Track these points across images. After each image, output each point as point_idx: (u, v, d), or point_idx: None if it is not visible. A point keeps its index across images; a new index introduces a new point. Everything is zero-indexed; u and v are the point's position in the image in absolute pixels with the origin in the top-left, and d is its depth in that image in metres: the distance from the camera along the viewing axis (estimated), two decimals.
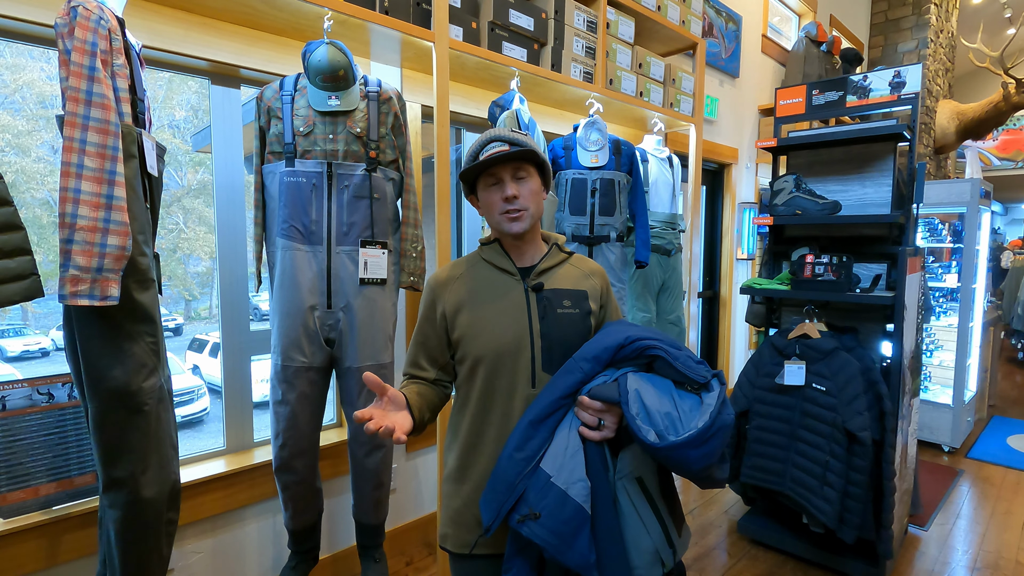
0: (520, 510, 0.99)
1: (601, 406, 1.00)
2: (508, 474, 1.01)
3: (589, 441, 1.01)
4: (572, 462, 0.99)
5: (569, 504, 0.97)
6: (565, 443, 1.01)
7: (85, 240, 1.11)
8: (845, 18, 5.66)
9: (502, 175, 1.07)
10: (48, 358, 7.45)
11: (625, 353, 1.04)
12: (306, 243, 1.65)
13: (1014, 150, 8.56)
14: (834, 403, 2.08)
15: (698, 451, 0.92)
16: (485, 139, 1.10)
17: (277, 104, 1.65)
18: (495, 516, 1.01)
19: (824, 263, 2.25)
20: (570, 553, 0.96)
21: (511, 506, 1.00)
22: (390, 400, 0.99)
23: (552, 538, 0.96)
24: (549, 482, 0.98)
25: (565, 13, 2.20)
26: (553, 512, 0.97)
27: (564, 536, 0.96)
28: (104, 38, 1.16)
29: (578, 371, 1.04)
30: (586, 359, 1.04)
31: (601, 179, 2.18)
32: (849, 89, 2.48)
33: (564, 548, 0.96)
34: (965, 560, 2.35)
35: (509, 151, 1.04)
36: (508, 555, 1.06)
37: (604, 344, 1.05)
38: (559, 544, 0.96)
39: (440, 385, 1.17)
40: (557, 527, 0.96)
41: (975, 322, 3.86)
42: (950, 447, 3.61)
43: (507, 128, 1.11)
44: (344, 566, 2.13)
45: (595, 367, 1.04)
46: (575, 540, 0.96)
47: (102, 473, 1.24)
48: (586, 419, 1.01)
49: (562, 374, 1.05)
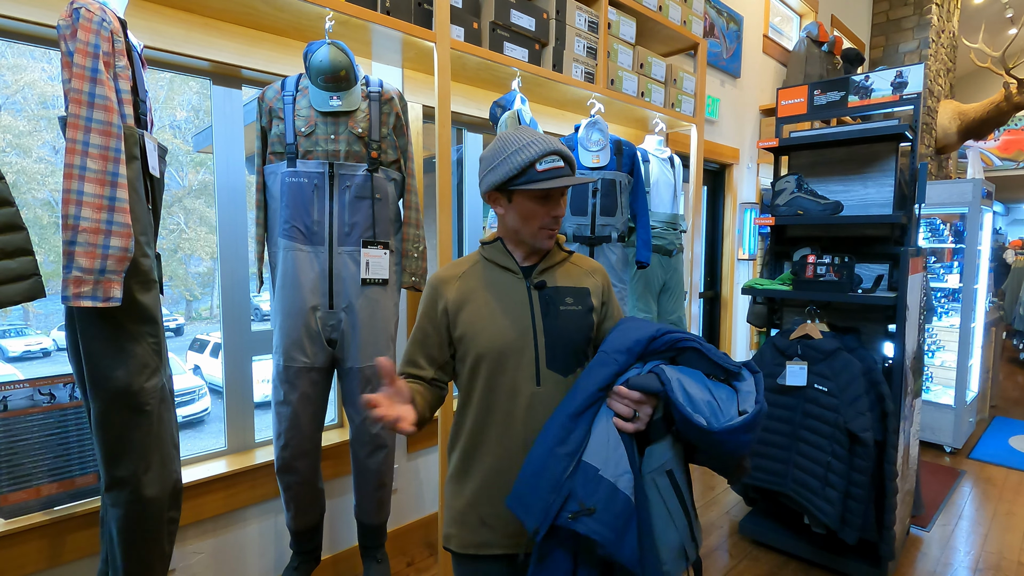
0: (569, 507, 0.96)
1: (640, 396, 0.99)
2: (553, 471, 0.97)
3: (623, 433, 1.00)
4: (616, 454, 0.97)
5: (619, 497, 0.94)
6: (606, 435, 0.99)
7: (88, 242, 1.11)
8: (846, 18, 5.66)
9: (556, 193, 1.07)
10: (49, 358, 7.47)
11: (656, 346, 1.04)
12: (308, 243, 1.65)
13: (1015, 150, 8.54)
14: (836, 404, 2.08)
15: (749, 436, 0.92)
16: (541, 149, 1.02)
17: (279, 104, 1.65)
18: (543, 517, 0.96)
19: (826, 263, 2.25)
20: (623, 548, 0.93)
21: (560, 504, 0.96)
22: (397, 391, 0.98)
23: (610, 533, 0.93)
24: (598, 475, 0.96)
25: (566, 13, 2.20)
26: (607, 506, 0.94)
27: (618, 530, 0.93)
28: (106, 40, 1.17)
29: (613, 363, 1.03)
30: (619, 351, 1.03)
31: (602, 179, 2.18)
32: (851, 89, 2.48)
33: (619, 542, 0.93)
34: (967, 561, 2.35)
35: (572, 178, 1.04)
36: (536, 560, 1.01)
37: (636, 336, 1.04)
38: (615, 539, 0.93)
39: (436, 385, 1.16)
40: (612, 521, 0.93)
41: (977, 322, 3.86)
42: (952, 448, 3.61)
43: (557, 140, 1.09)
44: (346, 566, 2.13)
45: (629, 359, 1.03)
46: (626, 534, 0.94)
47: (104, 473, 1.24)
48: (621, 410, 1.00)
49: (596, 366, 1.04)
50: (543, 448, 1.00)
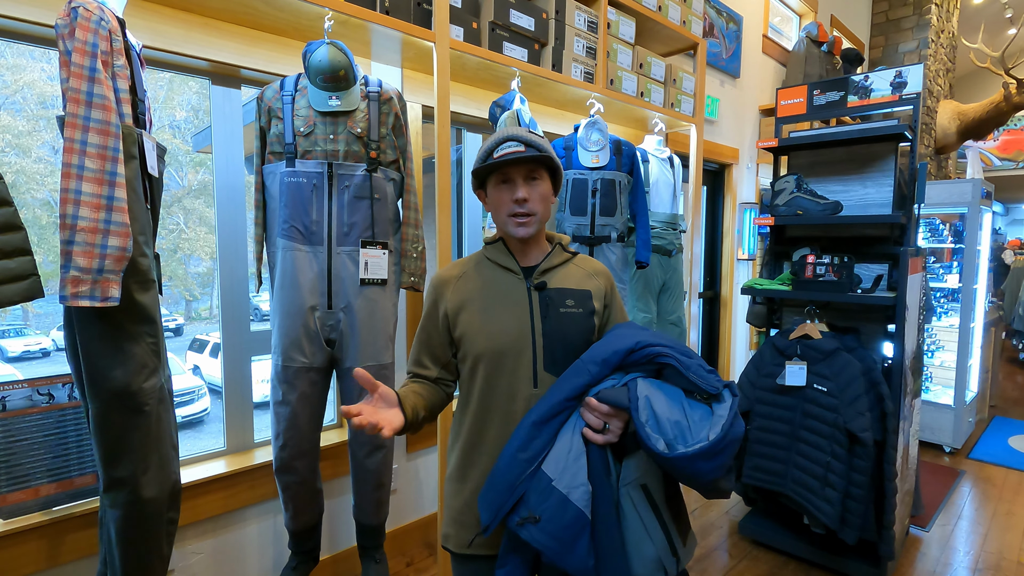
0: (520, 512, 0.98)
1: (608, 409, 0.99)
2: (509, 474, 1.00)
3: (592, 444, 1.00)
4: (575, 466, 0.98)
5: (570, 509, 0.96)
6: (568, 446, 1.00)
7: (86, 241, 1.11)
8: (846, 18, 5.66)
9: (514, 176, 1.06)
10: (48, 358, 7.46)
11: (635, 358, 1.02)
12: (307, 243, 1.65)
13: (1015, 150, 8.55)
14: (835, 404, 2.08)
15: (709, 463, 0.90)
16: (501, 137, 1.07)
17: (278, 104, 1.64)
18: (494, 516, 1.00)
19: (825, 263, 2.25)
20: (569, 558, 0.95)
21: (511, 507, 0.99)
22: (380, 397, 0.98)
23: (552, 543, 0.95)
24: (551, 485, 0.97)
25: (566, 13, 2.20)
26: (553, 516, 0.96)
27: (564, 541, 0.95)
28: (105, 39, 1.16)
29: (586, 373, 1.02)
30: (595, 362, 1.03)
31: (602, 179, 2.18)
32: (850, 89, 2.48)
33: (564, 553, 0.95)
34: (967, 561, 2.35)
35: (524, 152, 1.03)
36: (502, 552, 1.05)
37: (614, 348, 1.03)
38: (559, 549, 0.95)
39: (442, 384, 1.16)
40: (557, 532, 0.95)
41: (976, 322, 3.86)
42: (951, 448, 3.61)
43: (521, 130, 1.10)
44: (345, 567, 2.13)
45: (603, 370, 1.02)
46: (575, 545, 0.95)
47: (103, 473, 1.24)
48: (592, 421, 1.00)
49: (569, 375, 1.04)
50: (507, 451, 1.03)
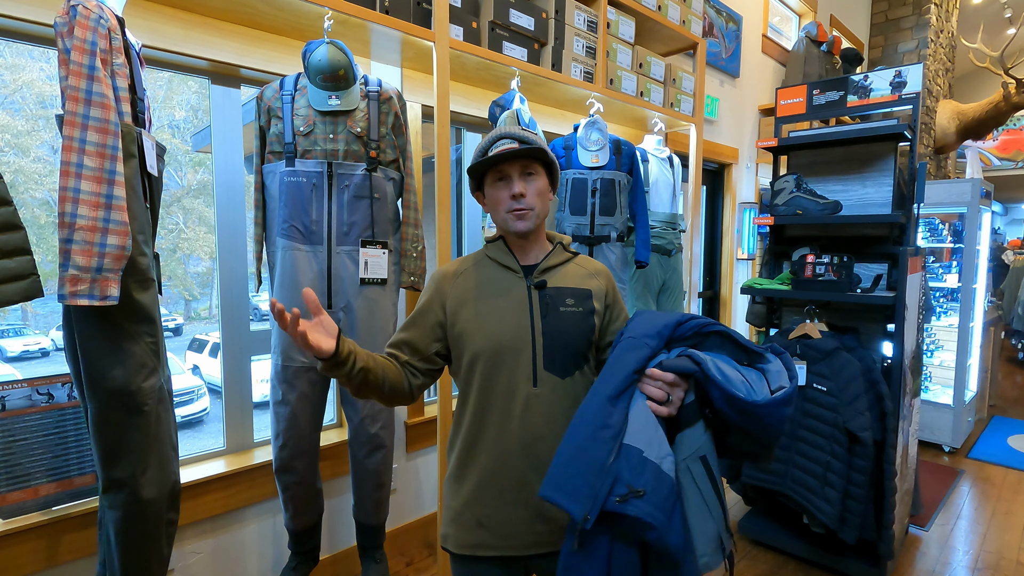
0: (617, 490, 0.90)
1: (673, 378, 0.97)
2: (597, 455, 0.92)
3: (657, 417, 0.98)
4: (657, 436, 0.94)
5: (665, 479, 0.91)
6: (645, 417, 0.96)
7: (85, 240, 1.11)
8: (845, 18, 5.66)
9: (510, 172, 1.07)
10: (48, 358, 7.45)
11: (682, 331, 1.03)
12: (306, 243, 1.64)
13: (1014, 150, 8.55)
14: (835, 403, 2.08)
15: (789, 409, 0.93)
16: (495, 136, 1.09)
17: (277, 104, 1.64)
18: (591, 503, 0.90)
19: (825, 263, 2.25)
20: (670, 532, 0.89)
21: (609, 488, 0.90)
22: (321, 323, 0.96)
23: (661, 515, 0.88)
24: (643, 457, 0.92)
25: (565, 13, 2.19)
26: (655, 488, 0.90)
27: (668, 512, 0.90)
28: (104, 37, 1.16)
29: (644, 347, 1.01)
30: (649, 336, 1.02)
31: (602, 179, 2.18)
32: (850, 89, 2.48)
33: (669, 525, 0.89)
34: (966, 561, 2.35)
35: (518, 148, 1.04)
36: (568, 551, 0.94)
37: (665, 321, 1.04)
38: (666, 521, 0.89)
39: (408, 369, 1.11)
40: (661, 503, 0.89)
41: (975, 322, 3.86)
42: (950, 447, 3.61)
43: (518, 128, 1.10)
44: (344, 567, 2.13)
45: (659, 343, 1.02)
46: (673, 517, 0.90)
47: (102, 474, 1.24)
48: (655, 393, 0.97)
49: (626, 351, 1.02)
50: (583, 432, 0.95)
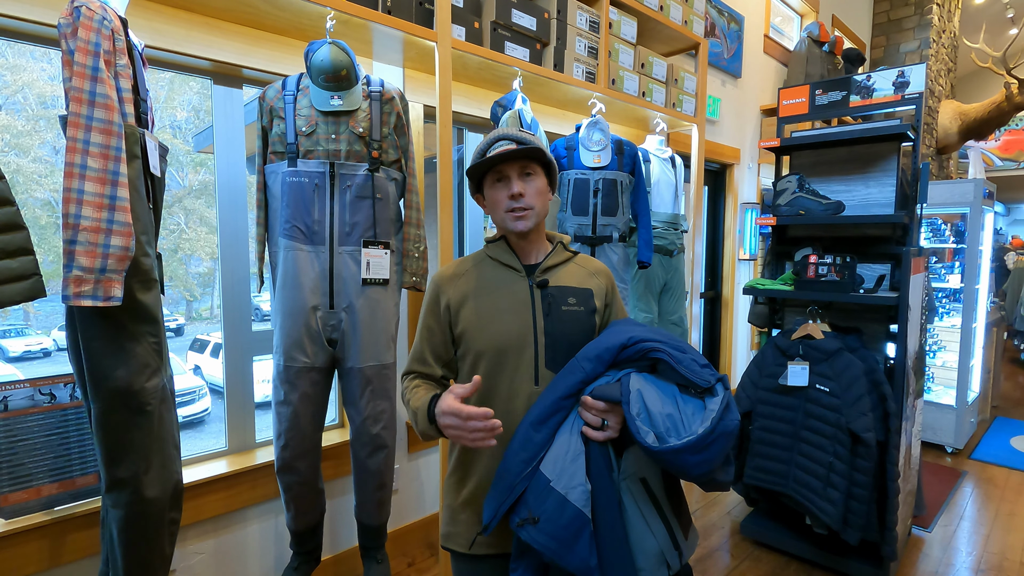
0: (520, 513, 0.99)
1: (604, 406, 1.00)
2: (509, 474, 1.01)
3: (593, 442, 1.01)
4: (572, 466, 0.98)
5: (568, 509, 0.96)
6: (566, 446, 1.00)
7: (88, 241, 1.11)
8: (847, 18, 5.65)
9: (509, 173, 1.07)
10: (50, 358, 7.46)
11: (628, 354, 1.03)
12: (308, 243, 1.64)
13: (1016, 150, 8.53)
14: (838, 404, 2.07)
15: (697, 456, 0.91)
16: (492, 137, 1.10)
17: (279, 104, 1.64)
18: (493, 515, 1.01)
19: (827, 263, 2.25)
20: (570, 557, 0.95)
21: (509, 507, 1.00)
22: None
23: (551, 542, 0.96)
24: (548, 486, 0.98)
25: (568, 13, 2.19)
26: (552, 517, 0.96)
27: (563, 540, 0.95)
28: (107, 38, 1.16)
29: (580, 371, 1.03)
30: (588, 359, 1.03)
31: (603, 179, 2.17)
32: (852, 89, 2.47)
33: (563, 552, 0.95)
34: (969, 562, 2.34)
35: (516, 149, 1.04)
36: (515, 555, 1.05)
37: (607, 344, 1.04)
38: (558, 548, 0.96)
39: (444, 385, 1.16)
40: (556, 531, 0.96)
41: (978, 323, 3.85)
42: (953, 448, 3.60)
43: (514, 128, 1.11)
44: (346, 567, 2.13)
45: (597, 367, 1.03)
46: (575, 544, 0.95)
47: (105, 473, 1.24)
48: (589, 419, 1.01)
49: (564, 374, 1.05)
50: (509, 451, 1.04)
